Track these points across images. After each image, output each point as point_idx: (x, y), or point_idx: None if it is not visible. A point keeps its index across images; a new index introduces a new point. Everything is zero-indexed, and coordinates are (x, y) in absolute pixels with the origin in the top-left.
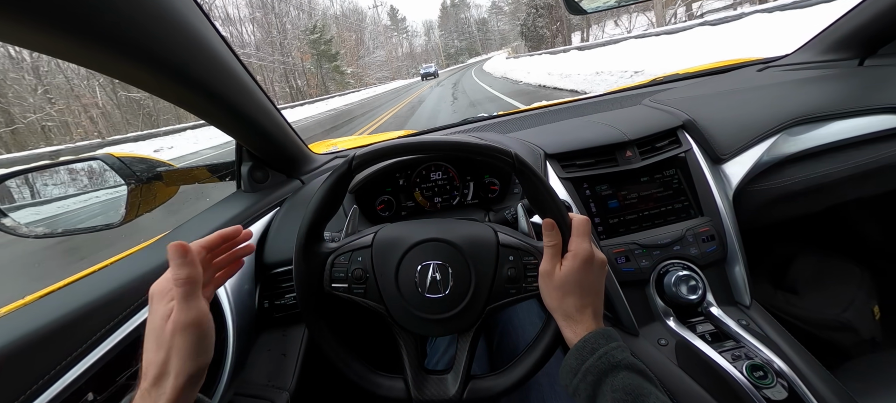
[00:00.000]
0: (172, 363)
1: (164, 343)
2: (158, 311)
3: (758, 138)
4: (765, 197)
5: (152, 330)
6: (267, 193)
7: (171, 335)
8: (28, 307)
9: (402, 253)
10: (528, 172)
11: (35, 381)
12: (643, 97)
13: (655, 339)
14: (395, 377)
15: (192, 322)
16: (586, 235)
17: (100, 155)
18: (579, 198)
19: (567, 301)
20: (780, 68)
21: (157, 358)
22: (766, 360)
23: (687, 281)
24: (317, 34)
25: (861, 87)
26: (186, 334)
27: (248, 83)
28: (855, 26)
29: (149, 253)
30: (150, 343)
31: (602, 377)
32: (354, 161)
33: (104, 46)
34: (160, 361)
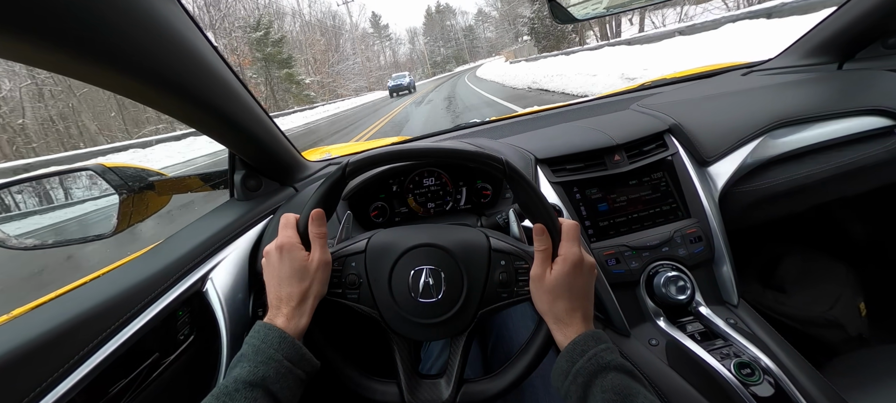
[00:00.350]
0: (312, 289)
1: (309, 276)
2: (296, 258)
3: (742, 141)
4: (750, 198)
5: (295, 270)
6: (260, 201)
7: (315, 269)
8: (19, 319)
9: (396, 259)
10: (519, 178)
11: (27, 394)
12: (631, 102)
13: (646, 339)
14: (389, 382)
15: (328, 261)
16: (576, 240)
17: (91, 165)
18: (570, 201)
19: (557, 304)
20: (763, 72)
21: (300, 287)
22: (754, 358)
23: (676, 282)
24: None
25: (840, 90)
26: (325, 268)
27: (238, 91)
28: (833, 31)
29: (144, 261)
30: (292, 280)
31: (592, 378)
32: (348, 167)
33: (93, 57)
34: (304, 288)
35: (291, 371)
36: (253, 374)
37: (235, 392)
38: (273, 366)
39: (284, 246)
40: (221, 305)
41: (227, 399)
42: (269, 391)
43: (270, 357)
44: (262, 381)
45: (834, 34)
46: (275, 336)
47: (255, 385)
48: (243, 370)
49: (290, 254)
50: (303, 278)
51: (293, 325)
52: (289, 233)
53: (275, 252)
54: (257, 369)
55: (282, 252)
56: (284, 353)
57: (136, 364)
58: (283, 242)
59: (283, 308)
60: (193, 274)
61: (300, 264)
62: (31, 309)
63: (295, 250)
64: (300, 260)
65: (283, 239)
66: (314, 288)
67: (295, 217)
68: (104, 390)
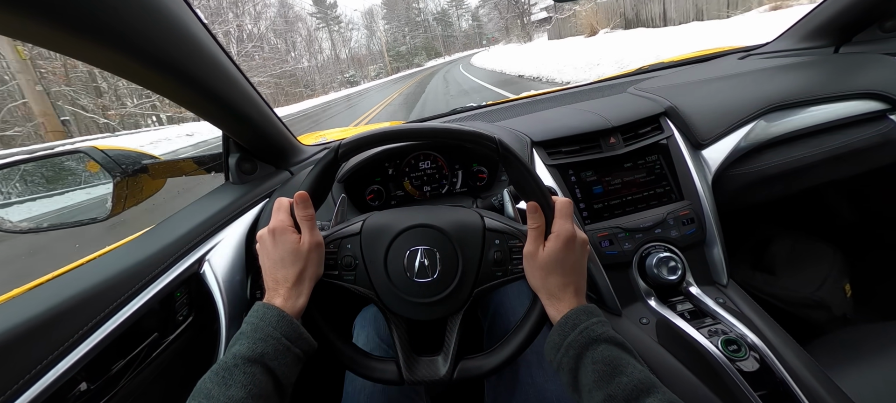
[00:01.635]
0: (307, 271)
1: (302, 258)
2: (288, 241)
3: (736, 124)
4: (743, 181)
5: (287, 253)
6: (256, 184)
7: (307, 251)
8: (19, 298)
9: (391, 239)
10: (512, 157)
11: (28, 370)
12: (628, 85)
13: (637, 318)
14: (387, 360)
15: (319, 242)
16: (569, 216)
17: (84, 148)
18: (565, 184)
19: (550, 280)
20: (760, 56)
21: (295, 269)
22: (741, 335)
23: (667, 263)
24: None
25: (835, 74)
26: (317, 250)
27: (233, 73)
28: (830, 15)
29: (139, 244)
30: (285, 263)
31: (583, 350)
32: (340, 149)
33: (88, 35)
34: (299, 270)
35: (289, 348)
36: (252, 350)
37: (234, 368)
38: (271, 344)
39: (276, 230)
40: (219, 286)
41: (226, 373)
42: (268, 367)
43: (269, 335)
44: (261, 357)
45: (831, 17)
46: (273, 315)
47: (254, 360)
48: (242, 346)
49: (282, 237)
50: (296, 260)
51: (291, 305)
52: (281, 217)
53: (268, 236)
54: (256, 345)
55: (274, 235)
56: (282, 331)
57: (137, 344)
58: (275, 226)
59: (280, 289)
60: (190, 256)
61: (292, 247)
62: (30, 288)
63: (287, 233)
64: (292, 242)
65: (275, 222)
66: (309, 269)
67: (288, 201)
68: (106, 367)
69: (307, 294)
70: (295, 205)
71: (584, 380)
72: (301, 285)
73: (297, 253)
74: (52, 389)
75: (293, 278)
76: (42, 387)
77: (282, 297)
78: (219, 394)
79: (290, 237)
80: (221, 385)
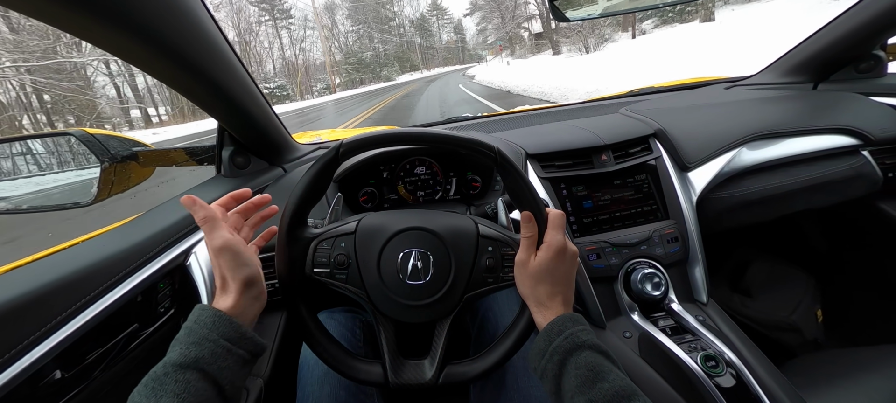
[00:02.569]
0: (226, 275)
1: (215, 265)
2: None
3: (721, 150)
4: (725, 204)
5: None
6: (248, 179)
7: (213, 257)
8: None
9: (385, 241)
10: (510, 167)
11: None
12: (620, 106)
13: (621, 332)
14: (373, 361)
15: (220, 246)
16: (561, 228)
17: (74, 131)
18: (556, 197)
19: (539, 288)
20: (745, 87)
21: (218, 272)
22: (719, 352)
23: (652, 279)
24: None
25: (814, 109)
26: (222, 254)
27: (235, 65)
28: (811, 53)
29: (126, 230)
30: (213, 269)
31: (567, 356)
32: (342, 148)
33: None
34: (218, 276)
35: (231, 350)
36: (184, 356)
37: (165, 376)
38: (207, 347)
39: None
40: (205, 279)
41: (155, 384)
42: (205, 372)
43: (204, 338)
44: (195, 363)
45: (811, 56)
46: (207, 316)
47: (186, 366)
48: (174, 352)
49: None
50: (215, 264)
51: (222, 304)
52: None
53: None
54: (189, 350)
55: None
56: (220, 332)
57: (115, 334)
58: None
59: (215, 294)
60: (177, 247)
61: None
62: (6, 271)
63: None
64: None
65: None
66: (227, 274)
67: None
68: (81, 357)
69: (235, 294)
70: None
71: (566, 386)
72: (226, 286)
73: (213, 257)
74: (24, 376)
75: (218, 282)
76: (13, 374)
77: (215, 299)
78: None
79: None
80: (151, 397)
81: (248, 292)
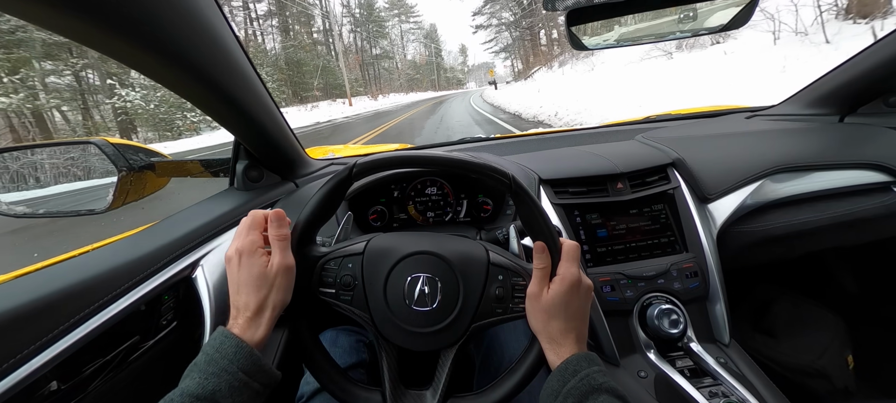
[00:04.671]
0: (271, 298)
1: (267, 283)
2: (255, 264)
3: (743, 181)
4: (747, 238)
5: (252, 278)
6: (260, 193)
7: (274, 275)
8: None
9: (393, 264)
10: (524, 195)
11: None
12: (636, 133)
13: (635, 371)
14: (373, 389)
15: (290, 265)
16: (575, 260)
17: (95, 140)
18: (570, 224)
19: (552, 324)
20: (767, 117)
21: (258, 296)
22: (742, 399)
23: (669, 315)
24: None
25: (841, 142)
26: (286, 274)
27: (253, 80)
28: (837, 84)
29: (134, 242)
30: (249, 288)
31: (582, 399)
32: (356, 168)
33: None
34: (261, 298)
35: (247, 384)
36: (202, 387)
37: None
38: (225, 379)
39: (244, 251)
40: (209, 294)
41: None
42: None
43: (223, 369)
44: (213, 395)
45: (837, 87)
46: (230, 346)
47: (204, 399)
48: (193, 382)
49: (249, 259)
50: (260, 287)
51: (249, 336)
52: (252, 238)
53: (235, 256)
54: (208, 382)
55: (241, 257)
56: (239, 364)
57: (115, 345)
58: (241, 246)
59: (239, 317)
60: (184, 259)
61: (259, 271)
62: (12, 278)
63: (255, 255)
64: (259, 266)
65: (240, 243)
66: (273, 296)
67: (263, 215)
68: (79, 368)
69: (268, 324)
70: (269, 224)
71: None
72: (261, 315)
73: (263, 278)
74: (23, 385)
75: (254, 307)
76: (12, 383)
77: (240, 327)
78: None
79: (258, 260)
80: None
81: (275, 320)
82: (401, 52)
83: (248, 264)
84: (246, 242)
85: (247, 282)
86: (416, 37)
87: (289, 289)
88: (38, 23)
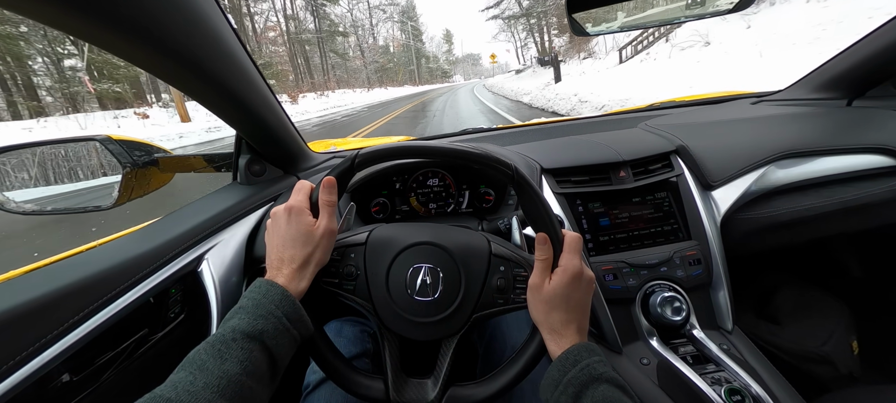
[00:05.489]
0: (315, 255)
1: (313, 241)
2: (303, 222)
3: (747, 168)
4: (752, 225)
5: (300, 233)
6: (263, 187)
7: (321, 236)
8: (14, 280)
9: (395, 254)
10: (526, 185)
11: (10, 358)
12: (639, 121)
13: (638, 358)
14: (375, 377)
15: (334, 230)
16: (577, 252)
17: (99, 136)
18: (572, 213)
19: (553, 315)
20: (773, 103)
21: (304, 251)
22: (745, 385)
23: (672, 303)
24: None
25: (848, 126)
26: (330, 237)
27: (253, 75)
28: (845, 68)
29: (139, 237)
30: (296, 242)
31: (582, 389)
32: (357, 158)
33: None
34: (308, 253)
35: (289, 330)
36: (252, 326)
37: (232, 342)
38: (272, 322)
39: (293, 209)
40: (215, 287)
41: (222, 346)
42: (266, 346)
43: (270, 313)
44: (260, 335)
45: (845, 70)
46: (277, 293)
47: (253, 337)
48: (242, 321)
49: (298, 217)
50: (307, 242)
51: (293, 286)
52: (300, 198)
53: (283, 213)
54: (256, 322)
55: (290, 213)
56: (284, 311)
57: (125, 338)
58: (293, 205)
59: (284, 268)
60: (190, 253)
61: (306, 228)
62: (22, 273)
63: (303, 214)
64: (307, 224)
65: (293, 201)
66: (317, 254)
67: (310, 185)
68: (90, 360)
69: (310, 278)
70: (321, 189)
71: None
72: (306, 268)
73: (310, 235)
74: (35, 378)
75: (301, 259)
76: (25, 375)
77: (285, 277)
78: (213, 366)
79: (306, 219)
80: (217, 357)
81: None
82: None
83: (296, 221)
84: (295, 201)
85: (295, 236)
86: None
87: (329, 251)
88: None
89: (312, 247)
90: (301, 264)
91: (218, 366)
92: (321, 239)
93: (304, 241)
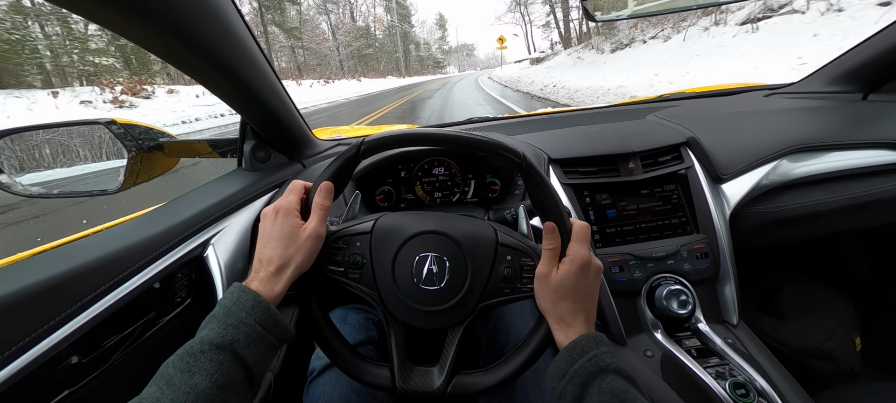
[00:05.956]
0: (295, 258)
1: (295, 243)
2: (289, 224)
3: (758, 161)
4: (761, 219)
5: (283, 235)
6: (268, 173)
7: (305, 239)
8: (17, 264)
9: (401, 243)
10: (534, 174)
11: (21, 338)
12: (649, 112)
13: (642, 350)
14: (382, 365)
15: (321, 234)
16: (585, 241)
17: (103, 120)
18: (579, 204)
19: (561, 304)
20: (786, 95)
21: (285, 254)
22: (749, 379)
23: (678, 296)
24: None
25: (862, 121)
26: (315, 241)
27: (260, 61)
28: (861, 61)
29: (148, 220)
30: (277, 244)
31: (590, 379)
32: (363, 146)
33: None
34: (289, 256)
35: (263, 336)
36: (221, 336)
37: (201, 354)
38: (243, 330)
39: (281, 209)
40: (221, 272)
41: (190, 359)
42: (238, 355)
43: (241, 321)
44: (231, 344)
45: (861, 64)
46: (248, 299)
47: (223, 348)
48: (212, 331)
49: (284, 218)
50: (289, 244)
51: (267, 290)
52: (291, 198)
53: (271, 212)
54: (226, 331)
55: (277, 213)
56: (257, 318)
57: (132, 321)
58: (282, 205)
59: (260, 271)
60: (196, 239)
61: (291, 229)
62: (31, 255)
63: (291, 215)
64: (292, 226)
65: (282, 201)
66: (298, 257)
67: (303, 184)
68: (97, 343)
69: (287, 282)
70: (317, 193)
71: None
72: (283, 272)
73: (293, 237)
74: (44, 359)
75: (278, 262)
76: (34, 356)
77: (260, 281)
78: (180, 381)
79: (293, 220)
80: (185, 372)
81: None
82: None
83: (282, 221)
84: (286, 201)
85: (278, 238)
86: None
87: (312, 256)
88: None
89: (293, 250)
90: (278, 267)
91: (185, 381)
92: (305, 242)
93: (287, 243)
